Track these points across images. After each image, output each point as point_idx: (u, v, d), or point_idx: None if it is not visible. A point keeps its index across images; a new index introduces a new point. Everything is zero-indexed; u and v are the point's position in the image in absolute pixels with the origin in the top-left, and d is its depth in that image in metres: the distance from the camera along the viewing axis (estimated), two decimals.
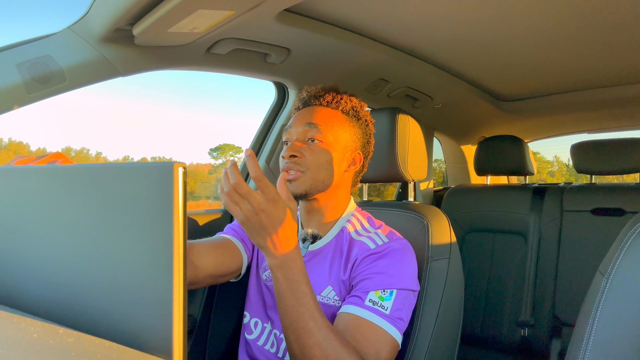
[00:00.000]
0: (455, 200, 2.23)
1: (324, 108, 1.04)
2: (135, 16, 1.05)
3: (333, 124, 1.02)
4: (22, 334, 0.36)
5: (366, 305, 0.87)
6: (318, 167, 0.99)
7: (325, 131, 1.00)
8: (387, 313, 0.87)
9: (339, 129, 1.02)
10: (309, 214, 1.05)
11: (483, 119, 2.46)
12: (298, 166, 0.98)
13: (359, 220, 1.05)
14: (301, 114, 1.04)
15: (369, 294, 0.89)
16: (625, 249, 0.65)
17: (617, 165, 2.05)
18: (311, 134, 1.00)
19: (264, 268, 1.07)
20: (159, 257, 0.36)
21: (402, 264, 0.94)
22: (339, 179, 1.03)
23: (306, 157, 0.98)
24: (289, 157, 0.98)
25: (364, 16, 1.30)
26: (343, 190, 1.06)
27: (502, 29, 1.39)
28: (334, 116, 1.03)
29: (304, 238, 1.04)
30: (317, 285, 0.98)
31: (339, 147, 1.02)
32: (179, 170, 0.35)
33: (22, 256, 0.49)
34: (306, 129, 1.00)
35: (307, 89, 1.08)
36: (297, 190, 0.98)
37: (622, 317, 0.62)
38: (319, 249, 1.02)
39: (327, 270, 0.99)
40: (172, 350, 0.34)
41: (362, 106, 1.08)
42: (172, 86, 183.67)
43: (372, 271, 0.92)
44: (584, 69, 1.77)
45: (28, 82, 1.05)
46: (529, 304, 1.92)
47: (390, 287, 0.89)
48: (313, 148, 0.99)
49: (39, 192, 0.48)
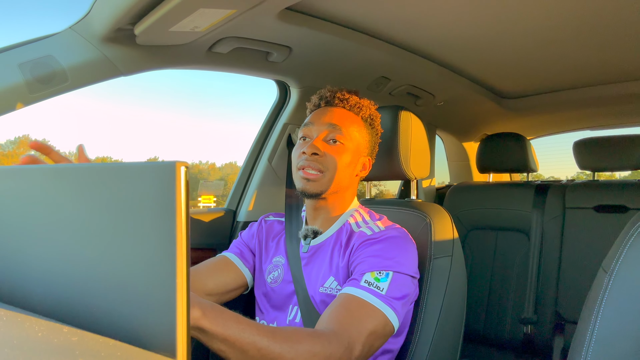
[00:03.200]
0: (458, 198, 2.23)
1: (347, 111, 1.05)
2: (136, 16, 1.05)
3: (354, 129, 1.04)
4: (26, 332, 0.36)
5: (361, 285, 0.87)
6: (337, 169, 1.00)
7: (347, 134, 1.02)
8: (383, 293, 0.86)
9: (357, 134, 1.04)
10: (315, 211, 1.07)
11: (485, 117, 2.46)
12: (319, 165, 0.99)
13: (360, 215, 1.07)
14: (323, 113, 1.05)
15: (365, 275, 0.88)
16: (628, 245, 0.65)
17: (619, 162, 2.04)
18: (333, 135, 1.01)
19: (269, 271, 1.08)
20: (162, 256, 0.36)
21: (399, 249, 0.94)
22: (351, 181, 1.05)
23: (327, 157, 0.99)
24: (310, 154, 0.99)
25: (365, 14, 1.30)
26: (351, 192, 1.08)
27: (504, 27, 1.39)
28: (355, 121, 1.05)
29: (305, 235, 1.05)
30: (320, 278, 0.99)
31: (356, 152, 1.04)
32: (181, 169, 0.35)
33: (26, 255, 0.49)
34: (329, 129, 1.01)
35: (330, 88, 1.09)
36: (315, 190, 0.99)
37: (625, 314, 0.62)
38: (320, 244, 1.04)
39: (327, 262, 1.00)
40: (176, 349, 0.35)
41: (377, 115, 1.11)
42: (172, 85, 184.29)
43: (368, 254, 0.92)
44: (586, 66, 1.77)
45: (30, 82, 1.05)
46: (532, 301, 1.92)
47: (386, 269, 0.89)
48: (334, 149, 1.00)
49: (42, 191, 0.48)
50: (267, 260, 1.10)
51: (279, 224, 1.16)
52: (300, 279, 1.01)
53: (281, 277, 1.05)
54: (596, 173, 2.17)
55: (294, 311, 1.01)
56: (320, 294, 0.98)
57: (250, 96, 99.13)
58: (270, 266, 1.08)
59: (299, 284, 1.01)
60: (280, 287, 1.04)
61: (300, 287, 1.00)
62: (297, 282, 1.01)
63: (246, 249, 1.14)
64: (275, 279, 1.06)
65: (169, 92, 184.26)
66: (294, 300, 1.01)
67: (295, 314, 1.01)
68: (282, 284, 1.04)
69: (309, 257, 1.03)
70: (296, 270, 1.03)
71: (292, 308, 1.02)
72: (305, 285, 1.00)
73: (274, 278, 1.06)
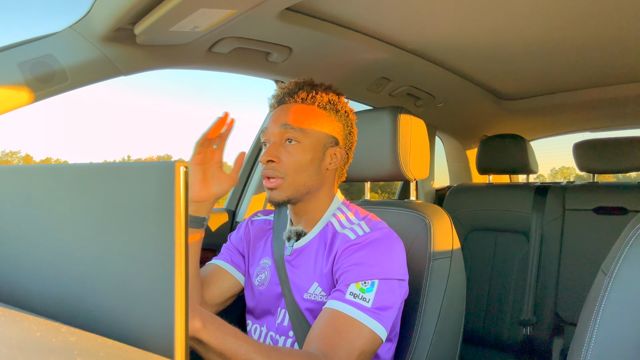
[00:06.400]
0: (457, 199, 2.23)
1: (299, 105, 0.99)
2: (136, 15, 1.05)
3: (310, 122, 0.97)
4: (24, 332, 0.36)
5: (347, 299, 0.85)
6: (297, 170, 0.95)
7: (302, 131, 0.96)
8: (369, 306, 0.84)
9: (316, 127, 0.97)
10: (296, 215, 1.04)
11: (485, 118, 2.46)
12: (277, 172, 0.95)
13: (344, 213, 1.02)
14: (276, 114, 1.00)
15: (350, 286, 0.87)
16: (627, 247, 0.65)
17: (619, 164, 2.04)
18: (288, 135, 0.96)
19: (256, 274, 1.07)
20: (160, 256, 0.36)
21: (383, 253, 0.91)
22: (321, 178, 1.00)
23: (284, 161, 0.95)
24: (266, 162, 0.95)
25: (366, 15, 1.30)
26: (327, 188, 1.03)
27: (504, 28, 1.39)
28: (310, 113, 0.98)
29: (289, 237, 1.03)
30: (304, 283, 0.97)
31: (318, 146, 0.98)
32: (180, 169, 0.35)
33: (25, 255, 0.49)
34: (282, 130, 0.96)
35: (280, 86, 1.04)
36: (280, 197, 0.96)
37: (624, 316, 0.62)
38: (303, 247, 1.01)
39: (311, 267, 0.98)
40: (174, 349, 0.34)
41: (339, 98, 1.03)
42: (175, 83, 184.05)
43: (351, 263, 0.90)
44: (586, 68, 1.77)
45: (30, 81, 1.05)
46: (531, 302, 1.92)
47: (371, 278, 0.87)
48: (290, 150, 0.95)
49: (42, 191, 0.48)
50: (255, 262, 1.09)
51: (266, 224, 1.14)
52: (287, 282, 1.00)
53: (268, 280, 1.03)
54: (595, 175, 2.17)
55: (282, 314, 1.00)
56: (305, 301, 0.96)
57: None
58: (258, 268, 1.07)
59: (286, 287, 0.99)
60: (267, 290, 1.03)
61: (287, 290, 0.99)
62: (284, 285, 0.99)
63: (236, 253, 1.12)
64: (262, 281, 1.04)
65: (172, 84, 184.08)
66: (282, 303, 1.00)
67: (283, 317, 0.99)
68: (269, 286, 1.03)
69: (293, 259, 1.01)
70: (282, 273, 1.01)
71: (280, 311, 1.00)
72: (292, 289, 0.99)
73: (261, 281, 1.04)
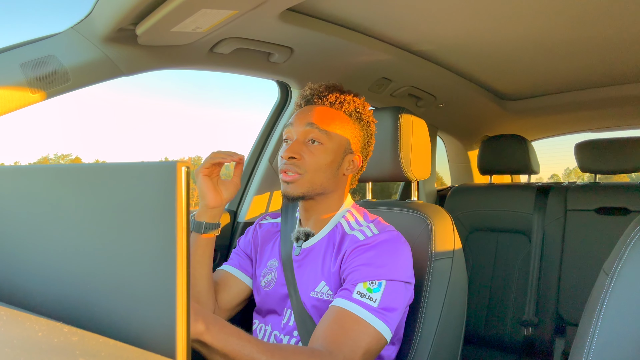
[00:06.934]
0: (459, 200, 2.23)
1: (327, 108, 1.02)
2: (138, 16, 1.05)
3: (335, 126, 1.00)
4: (26, 332, 0.36)
5: (354, 298, 0.86)
6: (316, 170, 0.97)
7: (327, 133, 0.98)
8: (375, 306, 0.85)
9: (340, 131, 1.00)
10: (306, 212, 1.05)
11: (486, 118, 2.45)
12: (297, 168, 0.96)
13: (353, 216, 1.04)
14: (303, 113, 1.02)
15: (357, 285, 0.88)
16: (629, 248, 0.64)
17: (621, 164, 2.04)
18: (312, 135, 0.98)
19: (263, 275, 1.08)
20: (162, 257, 0.36)
21: (392, 255, 0.92)
22: (337, 181, 1.02)
23: (305, 159, 0.97)
24: (287, 158, 0.97)
25: (367, 15, 1.30)
26: (340, 191, 1.05)
27: (505, 28, 1.39)
28: (337, 117, 1.01)
29: (297, 237, 1.04)
30: (311, 282, 0.98)
31: (339, 150, 1.00)
32: (182, 169, 0.35)
33: (27, 255, 0.49)
34: (307, 129, 0.98)
35: (310, 86, 1.06)
36: (295, 192, 0.97)
37: (626, 317, 0.62)
38: (312, 246, 1.02)
39: (319, 266, 0.99)
40: (176, 349, 0.35)
41: (365, 107, 1.06)
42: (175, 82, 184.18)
43: (359, 263, 0.91)
44: (587, 68, 1.77)
45: (32, 82, 1.05)
46: (533, 303, 1.92)
47: (378, 279, 0.88)
48: (313, 150, 0.98)
49: (43, 191, 0.48)
50: (262, 264, 1.10)
51: (273, 227, 1.15)
52: (293, 282, 1.00)
53: (274, 280, 1.04)
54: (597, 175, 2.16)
55: (288, 314, 1.01)
56: (312, 299, 0.97)
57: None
58: (265, 270, 1.08)
59: (292, 287, 1.00)
60: (273, 290, 1.04)
61: (293, 290, 1.00)
62: (290, 285, 1.00)
63: (244, 257, 1.14)
64: (268, 282, 1.05)
65: (174, 82, 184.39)
66: (288, 304, 1.01)
67: (289, 318, 1.00)
68: (275, 287, 1.04)
69: (301, 259, 1.02)
70: (289, 273, 1.02)
71: (286, 311, 1.01)
72: (298, 289, 1.00)
73: (268, 281, 1.05)
